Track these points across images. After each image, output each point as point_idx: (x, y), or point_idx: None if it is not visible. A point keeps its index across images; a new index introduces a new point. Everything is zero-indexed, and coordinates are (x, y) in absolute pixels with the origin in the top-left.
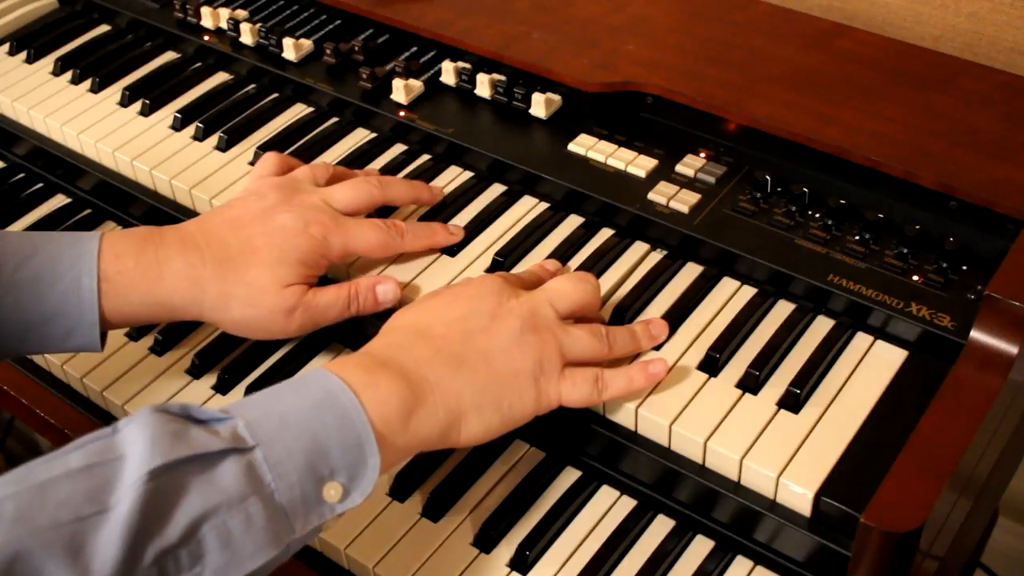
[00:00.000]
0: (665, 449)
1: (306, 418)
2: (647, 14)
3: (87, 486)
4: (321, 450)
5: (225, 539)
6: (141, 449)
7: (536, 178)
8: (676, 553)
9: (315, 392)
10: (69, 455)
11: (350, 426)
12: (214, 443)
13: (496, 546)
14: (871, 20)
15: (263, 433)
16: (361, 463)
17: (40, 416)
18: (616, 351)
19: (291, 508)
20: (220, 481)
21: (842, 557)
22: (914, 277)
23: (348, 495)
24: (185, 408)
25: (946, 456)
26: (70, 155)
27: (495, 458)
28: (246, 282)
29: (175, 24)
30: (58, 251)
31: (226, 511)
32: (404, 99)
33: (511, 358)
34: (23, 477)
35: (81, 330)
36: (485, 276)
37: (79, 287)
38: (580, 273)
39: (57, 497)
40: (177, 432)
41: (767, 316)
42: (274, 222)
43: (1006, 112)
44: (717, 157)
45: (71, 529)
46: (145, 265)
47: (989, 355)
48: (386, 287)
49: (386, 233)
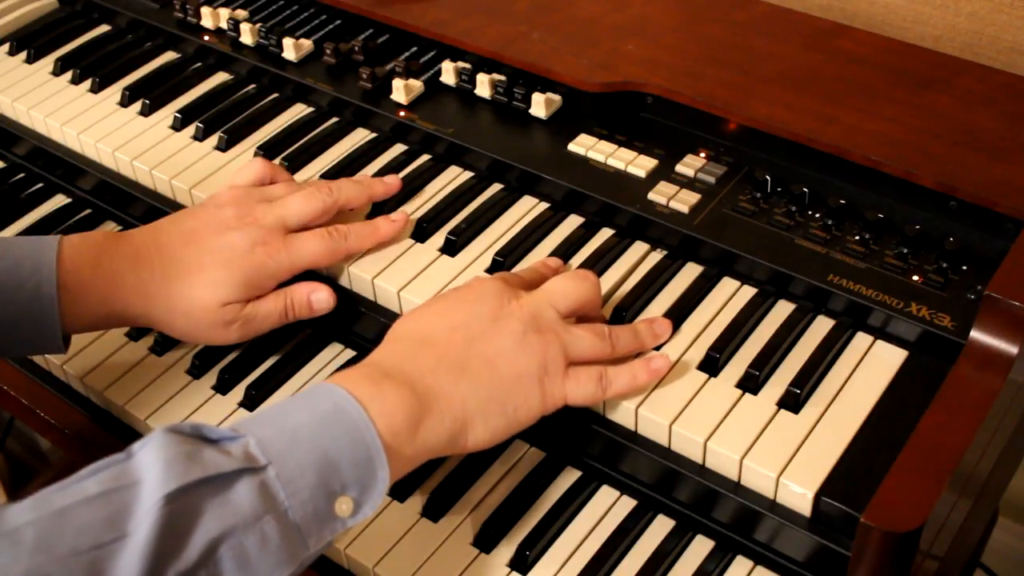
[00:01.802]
0: (665, 449)
1: (316, 433)
2: (647, 14)
3: (105, 513)
4: (332, 465)
5: (242, 559)
6: (156, 473)
7: (536, 178)
8: (676, 553)
9: (323, 406)
10: (85, 482)
11: (359, 440)
12: (227, 463)
13: (496, 546)
14: (871, 20)
15: (274, 451)
16: (371, 476)
17: (40, 416)
18: (619, 350)
19: (304, 525)
20: (235, 502)
21: (842, 557)
22: (914, 277)
23: (359, 508)
24: (197, 428)
25: (946, 456)
26: (70, 155)
27: (495, 458)
28: (188, 298)
29: (175, 24)
30: (19, 258)
31: (242, 531)
32: (404, 99)
33: (514, 361)
34: (41, 504)
35: (44, 335)
36: (485, 278)
37: (39, 294)
38: (580, 271)
39: (76, 524)
40: (190, 454)
41: (767, 316)
42: (223, 240)
43: (1006, 112)
44: (717, 157)
45: (90, 557)
46: (99, 276)
47: (989, 355)
48: (319, 295)
49: (329, 239)
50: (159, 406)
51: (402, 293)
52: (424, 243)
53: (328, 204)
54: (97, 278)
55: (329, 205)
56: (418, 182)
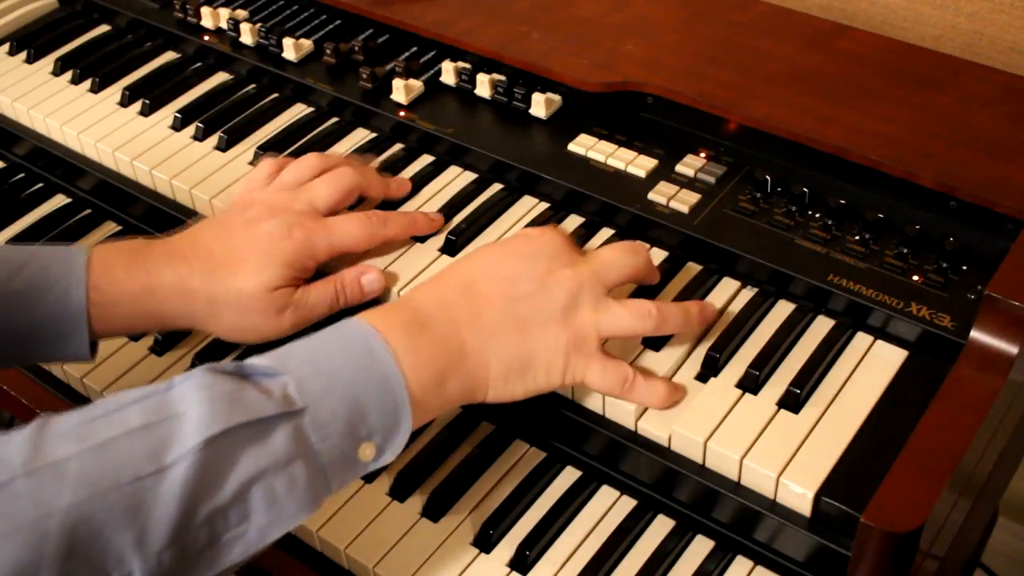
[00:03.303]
0: (665, 449)
1: (350, 379)
2: (647, 14)
3: (146, 445)
4: (361, 412)
5: (271, 499)
6: (199, 413)
7: (536, 178)
8: (676, 553)
9: (359, 349)
10: (127, 410)
11: (388, 391)
12: (267, 407)
13: (496, 546)
14: (871, 20)
15: (311, 395)
16: (395, 425)
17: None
18: (665, 329)
19: (331, 468)
20: (271, 445)
21: (842, 557)
22: (914, 277)
23: (381, 454)
24: (239, 367)
25: (946, 456)
26: (70, 155)
27: (495, 458)
28: (235, 290)
29: (175, 24)
30: (48, 262)
31: (273, 473)
32: (404, 99)
33: (546, 333)
34: (84, 433)
35: (71, 340)
36: (546, 232)
37: (68, 298)
38: (632, 243)
39: (118, 457)
40: (233, 395)
41: (767, 316)
42: (259, 230)
43: (1006, 112)
44: (717, 157)
45: (131, 489)
46: (134, 276)
47: (989, 355)
48: (371, 277)
49: (369, 224)
50: None
51: (402, 293)
52: (424, 243)
53: (354, 184)
54: (131, 278)
55: (355, 185)
56: (418, 182)
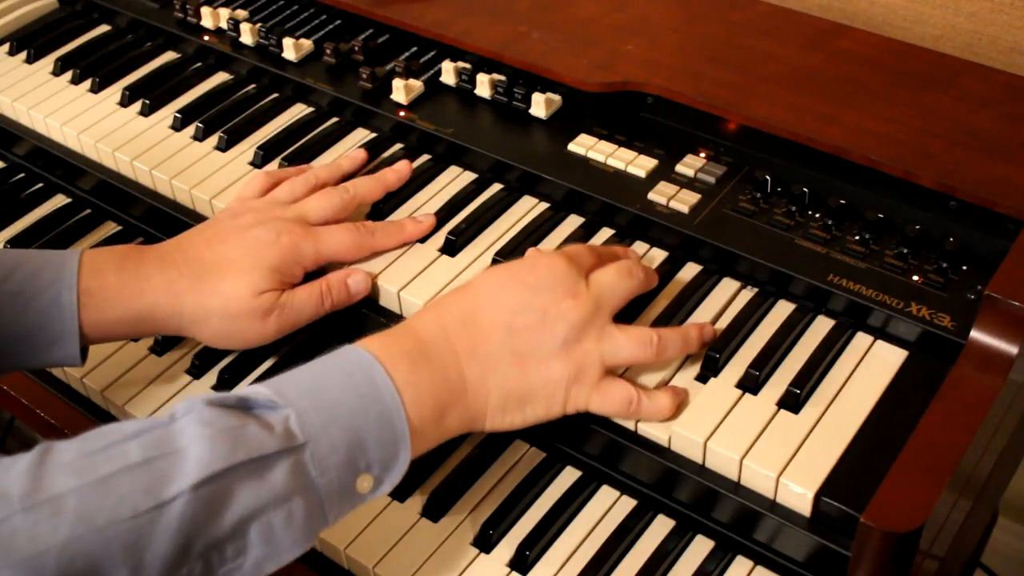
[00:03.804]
0: (665, 449)
1: (351, 411)
2: (647, 14)
3: (145, 480)
4: (361, 444)
5: (268, 534)
6: (200, 449)
7: (536, 178)
8: (676, 553)
9: (360, 382)
10: (128, 444)
11: (389, 424)
12: (269, 444)
13: (496, 546)
14: (871, 20)
15: (311, 428)
16: (394, 457)
17: (40, 416)
18: (665, 356)
19: (328, 502)
20: (271, 480)
21: (842, 557)
22: (914, 277)
23: (379, 486)
24: (242, 400)
25: (946, 456)
26: (70, 155)
27: (495, 458)
28: (222, 293)
29: (175, 24)
30: (39, 266)
31: (272, 509)
32: (404, 99)
33: (546, 367)
34: (83, 467)
35: (62, 344)
36: (554, 258)
37: (59, 301)
38: (627, 265)
39: (118, 492)
40: (235, 432)
41: (767, 316)
42: (248, 235)
43: (1006, 112)
44: (717, 157)
45: (129, 525)
46: (125, 280)
47: (989, 355)
48: (357, 278)
49: (357, 233)
50: (159, 406)
51: (402, 293)
52: (424, 243)
53: (346, 200)
54: (121, 281)
55: (347, 202)
56: (418, 182)
